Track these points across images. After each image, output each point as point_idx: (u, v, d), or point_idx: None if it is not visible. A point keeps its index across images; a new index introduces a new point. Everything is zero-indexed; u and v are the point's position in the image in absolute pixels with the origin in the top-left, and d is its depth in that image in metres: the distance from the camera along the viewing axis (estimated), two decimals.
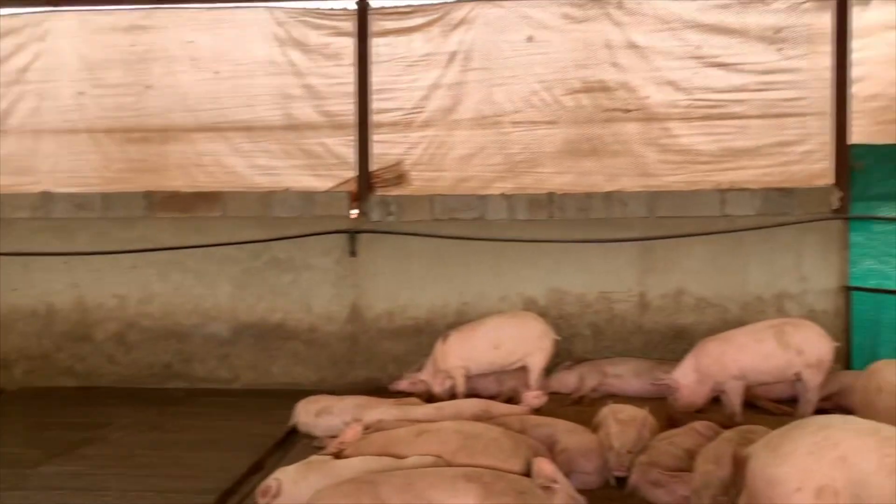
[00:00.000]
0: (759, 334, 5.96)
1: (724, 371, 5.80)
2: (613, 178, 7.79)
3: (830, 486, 2.41)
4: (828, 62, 7.57)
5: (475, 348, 6.52)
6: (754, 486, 2.65)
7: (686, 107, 7.79)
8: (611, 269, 7.53)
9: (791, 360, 5.77)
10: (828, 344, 5.87)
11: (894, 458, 2.41)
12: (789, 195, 7.44)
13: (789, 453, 2.53)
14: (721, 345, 5.96)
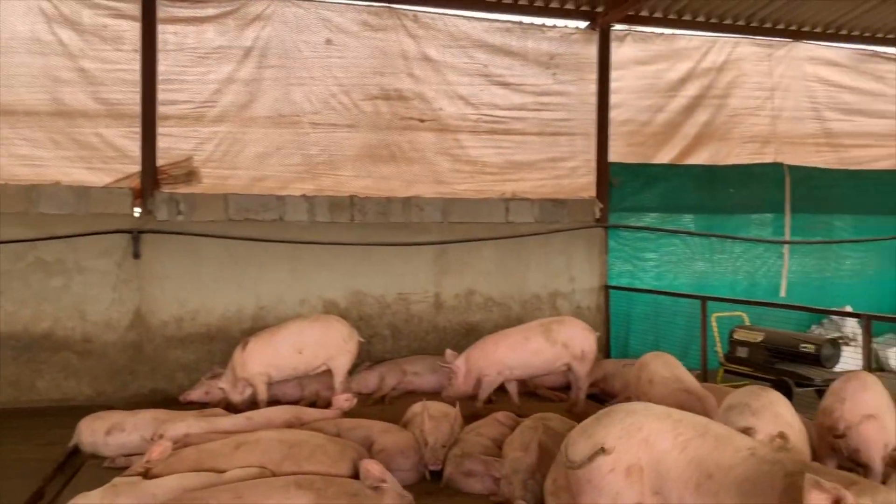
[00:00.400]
0: (528, 332, 6.56)
1: (490, 365, 6.29)
2: (410, 185, 8.10)
3: (637, 464, 2.83)
4: (593, 89, 8.60)
5: (277, 354, 6.37)
6: (574, 471, 3.00)
7: (475, 121, 8.36)
8: (409, 271, 7.83)
9: (559, 354, 6.43)
10: (590, 337, 6.61)
11: (684, 437, 2.89)
12: (561, 205, 8.34)
13: (603, 438, 2.92)
14: (495, 342, 6.45)
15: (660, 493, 2.78)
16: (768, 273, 9.27)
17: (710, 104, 9.19)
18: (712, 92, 9.19)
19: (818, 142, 9.68)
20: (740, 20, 9.05)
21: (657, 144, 9.01)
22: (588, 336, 6.57)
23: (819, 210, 9.41)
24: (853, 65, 9.76)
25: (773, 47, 9.38)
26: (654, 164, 8.89)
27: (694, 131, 9.14)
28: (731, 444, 2.82)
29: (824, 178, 9.42)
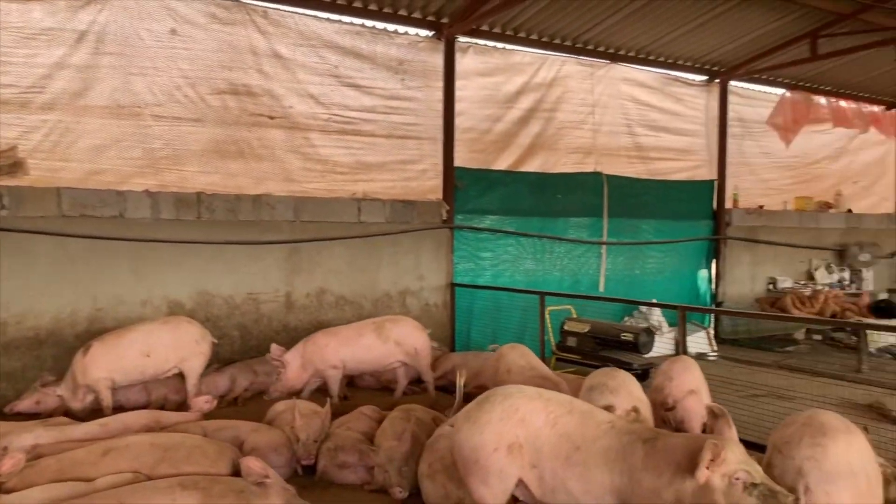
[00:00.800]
0: (360, 329, 6.88)
1: (325, 361, 6.53)
2: (260, 182, 7.99)
3: (516, 442, 3.18)
4: (438, 96, 9.02)
5: (123, 358, 6.07)
6: (461, 454, 3.29)
7: (325, 120, 8.42)
8: (259, 270, 7.73)
9: (391, 351, 6.80)
10: (422, 336, 7.00)
11: (555, 415, 3.29)
12: (411, 206, 8.66)
13: (486, 422, 3.23)
14: (327, 337, 6.70)
15: (537, 466, 3.15)
16: (589, 271, 10.27)
17: (542, 117, 10.00)
18: (543, 105, 10.01)
19: (630, 154, 10.89)
20: (567, 41, 9.92)
21: (496, 151, 9.64)
22: (419, 335, 6.97)
23: (630, 215, 10.57)
24: (659, 87, 11.10)
25: (594, 67, 10.40)
26: (494, 169, 9.50)
27: (528, 141, 9.90)
28: (593, 419, 3.27)
29: (635, 187, 10.60)
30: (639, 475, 2.90)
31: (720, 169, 11.63)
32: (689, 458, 2.80)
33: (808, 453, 2.90)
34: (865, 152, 13.88)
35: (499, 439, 3.18)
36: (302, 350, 6.54)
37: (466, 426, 3.28)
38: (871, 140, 13.87)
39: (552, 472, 3.10)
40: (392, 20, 8.66)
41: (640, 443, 3.03)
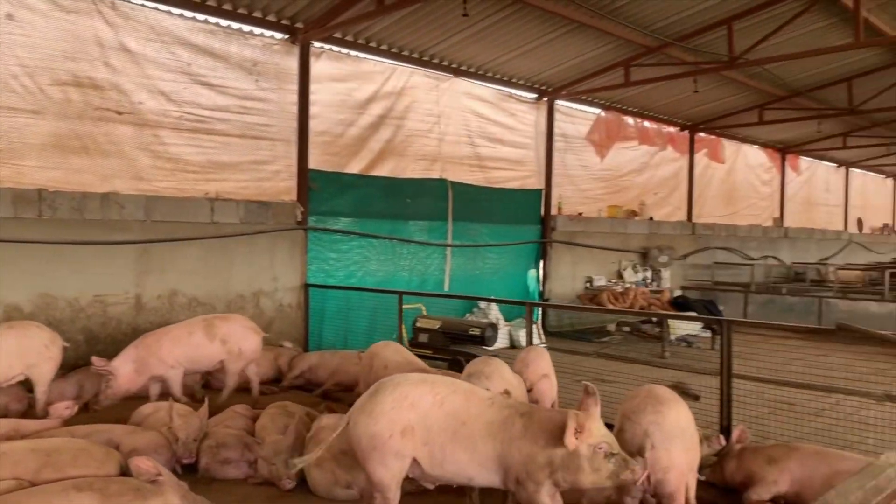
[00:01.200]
0: (192, 326, 6.58)
1: (161, 362, 6.24)
2: (106, 180, 7.67)
3: (409, 425, 3.57)
4: (293, 98, 9.16)
5: None
6: (359, 443, 3.61)
7: (177, 118, 8.25)
8: (107, 271, 7.42)
9: (217, 350, 6.51)
10: (251, 336, 6.77)
11: (441, 395, 3.72)
12: (266, 207, 8.73)
13: (380, 412, 3.60)
14: (158, 337, 6.38)
15: (428, 444, 3.58)
16: (435, 271, 10.91)
17: (392, 124, 10.47)
18: (393, 113, 10.48)
19: (471, 163, 11.69)
20: (415, 53, 10.48)
21: (349, 155, 9.95)
22: (249, 334, 6.73)
23: (472, 219, 11.37)
24: (496, 102, 12.02)
25: (439, 80, 11.06)
26: (347, 172, 9.80)
27: (379, 146, 10.31)
28: (476, 397, 3.77)
29: (476, 194, 11.41)
30: (518, 443, 3.44)
31: (547, 179, 12.81)
32: (561, 429, 3.37)
33: (651, 418, 3.61)
34: (663, 167, 15.92)
35: (392, 426, 3.56)
36: (133, 354, 6.22)
37: (362, 418, 3.62)
38: (668, 157, 15.95)
39: (441, 447, 3.54)
40: (247, 21, 8.67)
41: (518, 416, 3.57)
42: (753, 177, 19.25)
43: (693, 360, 9.78)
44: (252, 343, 6.76)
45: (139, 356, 6.23)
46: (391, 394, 3.70)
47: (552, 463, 3.39)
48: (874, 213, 25.92)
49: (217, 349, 6.52)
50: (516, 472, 3.42)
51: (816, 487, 3.95)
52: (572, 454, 3.34)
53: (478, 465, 3.51)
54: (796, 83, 14.06)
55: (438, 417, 3.62)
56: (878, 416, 5.81)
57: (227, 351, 6.57)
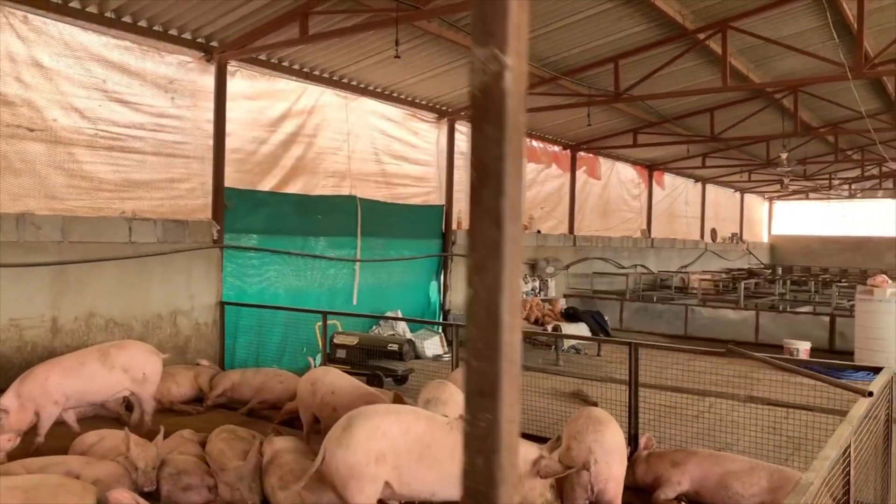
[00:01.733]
0: (83, 357, 6.27)
1: (47, 395, 5.85)
2: (18, 199, 7.44)
3: (381, 453, 4.02)
4: (208, 116, 9.20)
5: None
6: (338, 473, 4.00)
7: (92, 135, 8.11)
8: (22, 294, 7.22)
9: (118, 379, 6.29)
10: (153, 359, 6.59)
11: (406, 423, 4.18)
12: (182, 226, 8.74)
13: (355, 443, 4.01)
14: (47, 369, 6.01)
15: (397, 468, 4.07)
16: (344, 286, 11.25)
17: (303, 141, 10.70)
18: (304, 130, 10.72)
19: (378, 180, 12.12)
20: (325, 73, 10.78)
21: (262, 172, 10.09)
22: (150, 358, 6.58)
23: (379, 234, 11.80)
24: (401, 120, 12.52)
25: (348, 99, 11.40)
26: (260, 190, 9.94)
27: (290, 163, 10.52)
28: (437, 422, 4.30)
29: (383, 210, 11.86)
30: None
31: (448, 195, 13.48)
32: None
33: (593, 437, 4.29)
34: (548, 183, 17.07)
35: (368, 455, 4.00)
36: (18, 388, 5.80)
37: (340, 451, 4.02)
38: (553, 174, 17.13)
39: (408, 468, 4.04)
40: (162, 38, 8.64)
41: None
42: (625, 191, 20.96)
43: (584, 367, 10.80)
44: (154, 366, 6.61)
45: (24, 390, 5.81)
46: (363, 426, 4.12)
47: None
48: (724, 224, 28.84)
49: (118, 378, 6.29)
50: None
51: (711, 486, 4.82)
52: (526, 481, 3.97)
53: (442, 481, 4.05)
54: (667, 111, 15.64)
55: (406, 443, 4.10)
56: (745, 416, 6.89)
57: (132, 378, 6.38)
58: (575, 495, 4.09)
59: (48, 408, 5.90)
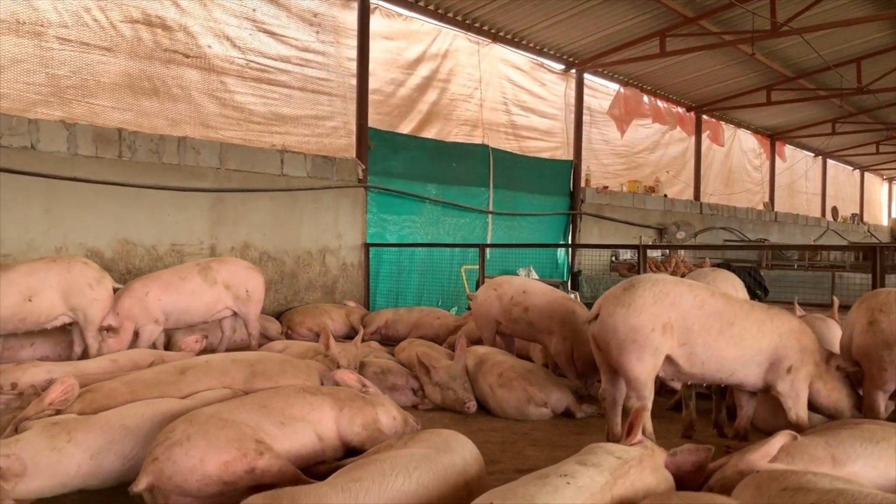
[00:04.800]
0: (183, 272, 5.70)
1: (147, 313, 5.36)
2: (176, 125, 7.28)
3: (669, 322, 3.44)
4: (350, 53, 8.89)
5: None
6: (615, 335, 3.42)
7: (242, 65, 7.90)
8: (183, 219, 7.03)
9: (220, 296, 5.71)
10: (255, 276, 5.95)
11: (700, 298, 3.56)
12: (330, 162, 8.43)
13: (640, 304, 3.44)
14: (145, 284, 5.48)
15: (686, 344, 3.46)
16: (478, 238, 10.72)
17: (437, 86, 10.28)
18: (438, 75, 10.29)
19: (507, 131, 11.58)
20: (459, 16, 10.32)
21: (400, 115, 9.72)
22: (253, 274, 5.99)
23: (509, 187, 11.23)
24: (528, 70, 11.94)
25: (479, 45, 10.92)
26: (399, 133, 9.56)
27: (426, 108, 10.12)
28: (735, 300, 3.69)
29: (513, 162, 11.29)
30: (798, 336, 3.57)
31: (576, 151, 12.81)
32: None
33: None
34: (673, 147, 16.14)
35: (655, 320, 3.41)
36: (115, 306, 5.26)
37: (622, 309, 3.44)
38: (677, 137, 16.17)
39: (705, 346, 3.44)
40: None
41: (786, 312, 3.60)
42: (746, 161, 19.71)
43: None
44: (258, 283, 5.96)
45: (123, 307, 5.27)
46: (651, 290, 3.53)
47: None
48: (843, 205, 26.92)
49: (220, 294, 5.68)
50: (791, 361, 3.40)
51: None
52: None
53: (744, 360, 3.49)
54: (806, 63, 14.44)
55: (698, 316, 3.50)
56: None
57: (234, 296, 5.76)
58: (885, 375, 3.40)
59: (148, 326, 5.33)
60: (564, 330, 4.94)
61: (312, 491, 2.30)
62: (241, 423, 2.81)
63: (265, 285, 6.10)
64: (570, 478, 2.15)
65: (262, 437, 2.81)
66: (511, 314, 5.26)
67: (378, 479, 2.32)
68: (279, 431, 2.94)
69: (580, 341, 4.73)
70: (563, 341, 4.91)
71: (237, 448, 2.68)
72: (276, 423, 2.96)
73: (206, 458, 2.61)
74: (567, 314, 5.01)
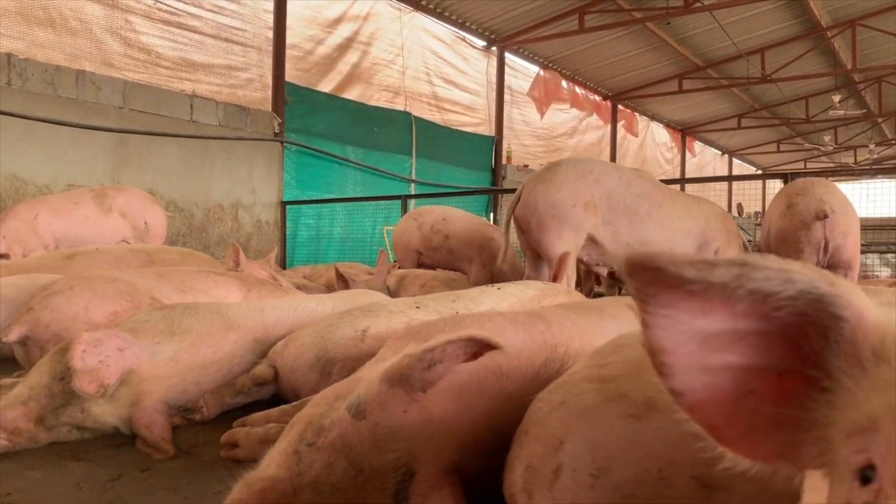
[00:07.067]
0: (76, 197, 5.30)
1: (36, 236, 4.94)
2: (74, 60, 6.76)
3: (591, 200, 3.37)
4: (266, 5, 8.56)
5: None
6: (535, 212, 3.35)
7: (150, 5, 7.45)
8: (82, 158, 6.51)
9: (117, 225, 5.26)
10: (155, 208, 5.63)
11: (627, 178, 3.52)
12: (244, 113, 8.06)
13: (563, 181, 3.36)
14: (33, 206, 5.07)
15: (610, 223, 3.40)
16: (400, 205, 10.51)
17: (358, 48, 10.06)
18: (359, 38, 10.07)
19: (430, 102, 11.47)
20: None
21: (319, 74, 9.44)
22: (152, 206, 5.62)
23: (433, 158, 11.12)
24: (451, 42, 11.89)
25: (402, 11, 10.77)
26: (319, 91, 9.28)
27: (347, 70, 9.87)
28: (661, 184, 3.65)
29: (436, 132, 11.20)
30: (723, 219, 3.46)
31: (498, 127, 12.83)
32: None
33: (824, 189, 3.67)
34: (590, 134, 16.46)
35: (576, 196, 3.33)
36: (1, 229, 4.79)
37: (542, 185, 3.36)
38: (594, 124, 16.51)
39: (631, 226, 3.38)
40: None
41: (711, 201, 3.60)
42: (659, 154, 20.37)
43: None
44: (159, 217, 5.54)
45: (12, 230, 4.81)
46: (575, 167, 3.46)
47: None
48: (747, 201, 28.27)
49: (116, 224, 5.21)
50: (718, 243, 3.40)
51: None
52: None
53: (674, 243, 3.43)
54: (715, 53, 15.06)
55: (622, 194, 3.43)
56: None
57: (133, 227, 5.30)
58: (803, 256, 3.43)
59: (37, 253, 4.71)
60: (483, 257, 4.84)
61: None
62: (128, 281, 2.52)
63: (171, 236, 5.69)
64: (496, 288, 2.00)
65: (157, 296, 2.53)
66: (431, 242, 5.13)
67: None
68: (178, 298, 2.66)
69: (497, 269, 4.64)
70: (482, 269, 4.81)
71: (128, 300, 2.39)
72: (174, 289, 2.68)
73: (92, 306, 2.31)
74: (486, 240, 4.92)
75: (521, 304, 1.94)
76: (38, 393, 1.49)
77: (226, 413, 1.77)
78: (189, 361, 1.69)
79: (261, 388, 1.77)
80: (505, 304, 1.90)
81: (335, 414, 1.00)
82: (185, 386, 1.67)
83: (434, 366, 0.96)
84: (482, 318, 1.39)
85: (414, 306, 1.85)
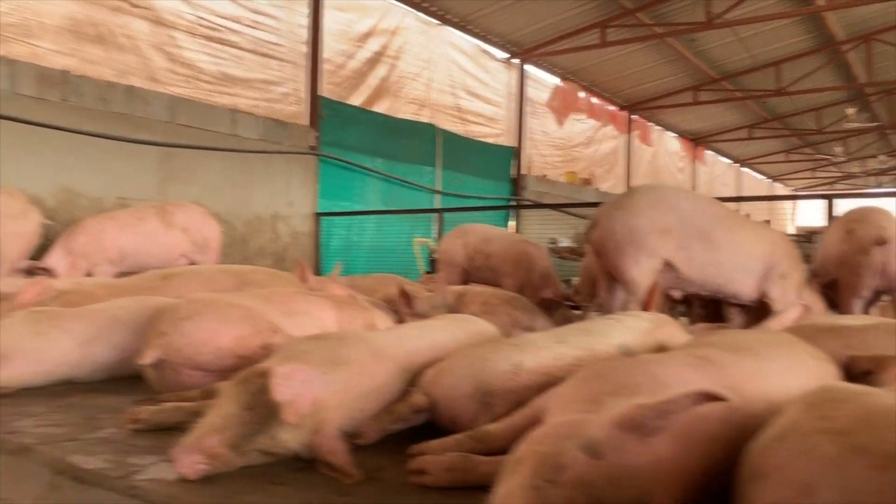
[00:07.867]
0: (140, 213, 5.56)
1: (102, 252, 5.14)
2: (122, 75, 6.92)
3: (667, 226, 3.50)
4: (301, 20, 8.73)
5: None
6: (612, 237, 3.47)
7: (192, 21, 7.61)
8: (131, 173, 6.67)
9: (178, 240, 5.51)
10: (212, 223, 5.86)
11: (700, 205, 3.65)
12: (283, 127, 8.22)
13: (638, 207, 3.49)
14: (100, 222, 5.32)
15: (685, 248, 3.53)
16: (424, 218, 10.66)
17: (387, 62, 10.22)
18: (388, 52, 10.23)
19: (454, 114, 11.63)
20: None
21: (350, 87, 9.60)
22: (210, 221, 5.86)
23: (456, 169, 11.27)
24: (474, 55, 12.05)
25: (428, 25, 10.95)
26: (350, 104, 9.44)
27: (376, 83, 10.03)
28: (731, 211, 3.83)
29: (459, 144, 11.35)
30: (784, 244, 3.61)
31: (519, 138, 12.99)
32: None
33: (881, 216, 3.81)
34: (606, 143, 16.62)
35: (652, 222, 3.47)
36: (67, 244, 5.04)
37: (619, 212, 3.49)
38: (609, 134, 16.67)
39: (704, 252, 3.51)
40: None
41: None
42: (671, 163, 20.53)
43: None
44: (215, 231, 5.78)
45: (76, 245, 5.04)
46: (648, 194, 3.61)
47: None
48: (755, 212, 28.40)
49: (177, 239, 5.46)
50: (784, 267, 3.53)
51: None
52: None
53: (741, 266, 3.61)
54: (730, 65, 15.22)
55: (700, 220, 3.57)
56: None
57: (192, 241, 5.53)
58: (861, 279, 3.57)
59: (102, 266, 5.06)
60: (519, 272, 5.09)
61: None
62: (248, 307, 2.67)
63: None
64: (616, 321, 2.14)
65: (270, 319, 2.68)
66: (475, 262, 5.38)
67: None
68: (284, 321, 2.80)
69: (531, 283, 4.91)
70: (517, 282, 5.05)
71: (250, 325, 2.53)
72: (280, 312, 2.82)
73: (220, 331, 2.45)
74: (520, 255, 5.15)
75: (643, 336, 2.08)
76: (231, 422, 1.63)
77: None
78: (356, 391, 1.83)
79: (417, 415, 1.91)
80: (630, 337, 2.05)
81: (571, 454, 1.14)
82: (353, 413, 1.81)
83: (667, 415, 1.10)
84: (663, 360, 1.53)
85: (555, 341, 1.99)
